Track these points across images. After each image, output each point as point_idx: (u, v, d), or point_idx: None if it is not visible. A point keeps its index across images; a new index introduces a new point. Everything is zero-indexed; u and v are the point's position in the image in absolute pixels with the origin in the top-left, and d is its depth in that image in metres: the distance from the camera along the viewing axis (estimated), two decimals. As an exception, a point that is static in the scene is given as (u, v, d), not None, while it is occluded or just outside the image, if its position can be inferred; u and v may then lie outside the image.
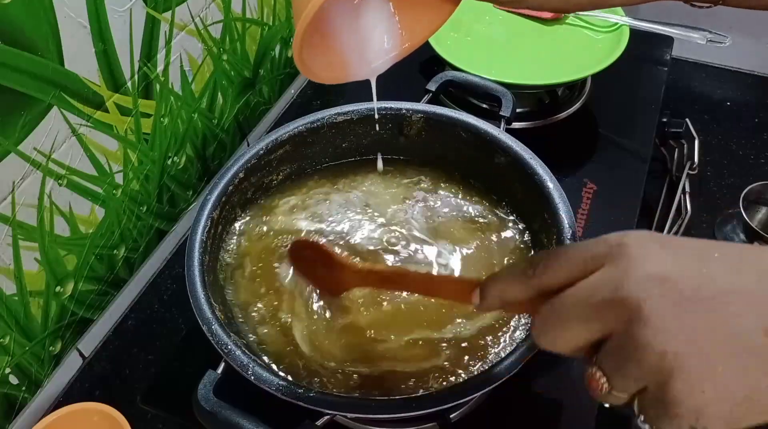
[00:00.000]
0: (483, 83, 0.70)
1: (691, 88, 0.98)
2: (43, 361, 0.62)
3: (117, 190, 0.66)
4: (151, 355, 0.67)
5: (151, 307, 0.71)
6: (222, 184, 0.59)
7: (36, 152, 0.55)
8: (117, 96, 0.62)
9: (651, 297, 0.29)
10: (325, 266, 0.53)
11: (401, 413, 0.46)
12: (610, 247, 0.31)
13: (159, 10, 0.64)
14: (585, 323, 0.31)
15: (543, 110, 0.87)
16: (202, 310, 0.50)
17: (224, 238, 0.61)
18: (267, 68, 0.87)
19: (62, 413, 0.57)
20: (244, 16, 0.79)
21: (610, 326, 0.30)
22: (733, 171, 0.86)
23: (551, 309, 0.32)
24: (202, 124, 0.77)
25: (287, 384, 0.46)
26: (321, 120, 0.64)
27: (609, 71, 0.79)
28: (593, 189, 0.77)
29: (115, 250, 0.68)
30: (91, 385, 0.65)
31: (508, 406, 0.60)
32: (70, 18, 0.54)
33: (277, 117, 0.92)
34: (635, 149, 0.83)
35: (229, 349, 0.48)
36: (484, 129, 0.63)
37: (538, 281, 0.34)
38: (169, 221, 0.76)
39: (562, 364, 0.63)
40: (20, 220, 0.55)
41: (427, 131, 0.66)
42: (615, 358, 0.30)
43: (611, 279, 0.30)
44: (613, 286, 0.30)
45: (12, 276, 0.56)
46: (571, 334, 0.32)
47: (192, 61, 0.72)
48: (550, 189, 0.57)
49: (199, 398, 0.46)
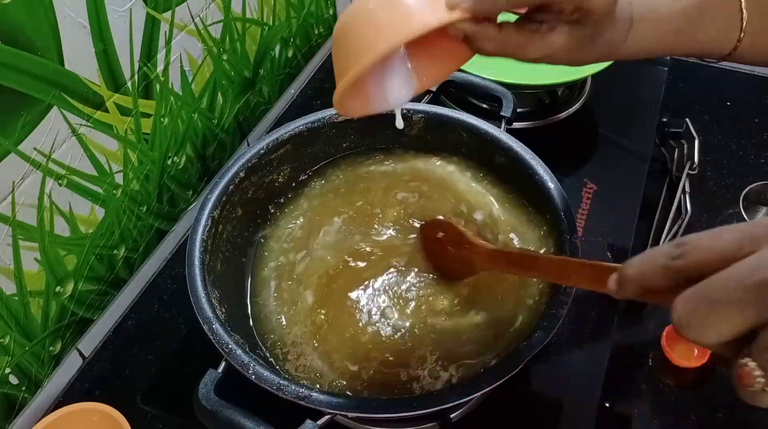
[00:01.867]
0: (483, 83, 0.70)
1: (691, 88, 0.98)
2: (43, 361, 0.62)
3: (117, 190, 0.66)
4: (151, 355, 0.67)
5: (151, 307, 0.71)
6: (222, 183, 0.59)
7: (36, 152, 0.55)
8: (117, 96, 0.62)
9: None
10: (455, 246, 0.54)
11: (401, 413, 0.46)
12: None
13: (159, 10, 0.64)
14: (739, 309, 0.28)
15: (543, 110, 0.87)
16: (202, 309, 0.50)
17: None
18: (267, 68, 0.87)
19: (62, 413, 0.57)
20: (244, 16, 0.79)
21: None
22: (733, 171, 0.86)
23: (700, 293, 0.29)
24: (202, 124, 0.77)
25: (288, 383, 0.46)
26: (321, 120, 0.64)
27: (609, 71, 0.79)
28: (593, 189, 0.77)
29: (115, 250, 0.68)
30: (91, 385, 0.65)
31: (508, 406, 0.60)
32: (70, 18, 0.54)
33: (277, 117, 0.92)
34: (635, 149, 0.83)
35: (230, 348, 0.48)
36: (485, 129, 0.63)
37: (684, 264, 0.31)
38: (169, 221, 0.76)
39: (562, 364, 0.63)
40: (20, 220, 0.55)
41: (428, 131, 0.66)
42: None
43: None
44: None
45: (12, 276, 0.56)
46: (722, 321, 0.28)
47: (192, 61, 0.72)
48: (550, 189, 0.58)
49: (200, 397, 0.46)
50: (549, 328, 0.48)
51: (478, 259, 0.52)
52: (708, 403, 0.66)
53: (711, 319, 0.29)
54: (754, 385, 0.27)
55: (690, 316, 0.29)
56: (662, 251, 0.32)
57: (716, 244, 0.30)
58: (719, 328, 0.28)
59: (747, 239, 0.29)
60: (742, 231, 0.30)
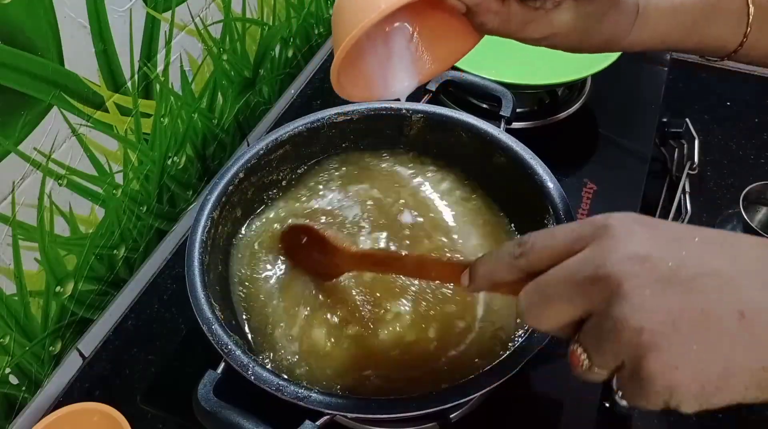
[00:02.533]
0: (483, 83, 0.70)
1: (691, 88, 0.98)
2: (43, 361, 0.62)
3: (117, 190, 0.66)
4: (151, 355, 0.67)
5: (151, 307, 0.71)
6: (222, 183, 0.59)
7: (36, 152, 0.55)
8: (117, 96, 0.62)
9: (631, 275, 0.29)
10: (319, 251, 0.54)
11: (401, 413, 0.46)
12: (596, 228, 0.32)
13: (159, 10, 0.64)
14: (569, 301, 0.32)
15: (543, 110, 0.87)
16: (202, 310, 0.50)
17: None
18: (267, 68, 0.87)
19: (62, 413, 0.57)
20: (244, 16, 0.79)
21: (593, 304, 0.31)
22: (733, 171, 0.86)
23: (536, 287, 0.33)
24: (202, 124, 0.77)
25: (287, 384, 0.46)
26: (321, 120, 0.64)
27: (609, 71, 0.79)
28: (593, 189, 0.77)
29: (115, 250, 0.68)
30: (91, 385, 0.65)
31: (508, 406, 0.60)
32: (70, 18, 0.54)
33: (277, 117, 0.92)
34: (635, 149, 0.83)
35: (230, 349, 0.48)
36: (484, 129, 0.63)
37: (525, 261, 0.34)
38: (169, 221, 0.76)
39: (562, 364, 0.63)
40: (20, 220, 0.55)
41: (428, 131, 0.66)
42: (595, 335, 0.31)
43: (594, 257, 0.31)
44: (595, 264, 0.31)
45: (12, 276, 0.56)
46: (555, 311, 0.32)
47: (192, 61, 0.72)
48: (550, 189, 0.57)
49: (199, 398, 0.46)
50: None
51: (342, 262, 0.53)
52: (708, 403, 0.65)
53: (547, 310, 0.33)
54: (582, 364, 0.31)
55: (531, 307, 0.33)
56: (507, 250, 0.36)
57: (550, 244, 0.34)
58: (554, 317, 0.33)
59: (575, 239, 0.33)
60: (573, 230, 0.33)
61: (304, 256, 0.58)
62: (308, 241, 0.56)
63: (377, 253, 0.52)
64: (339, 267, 0.54)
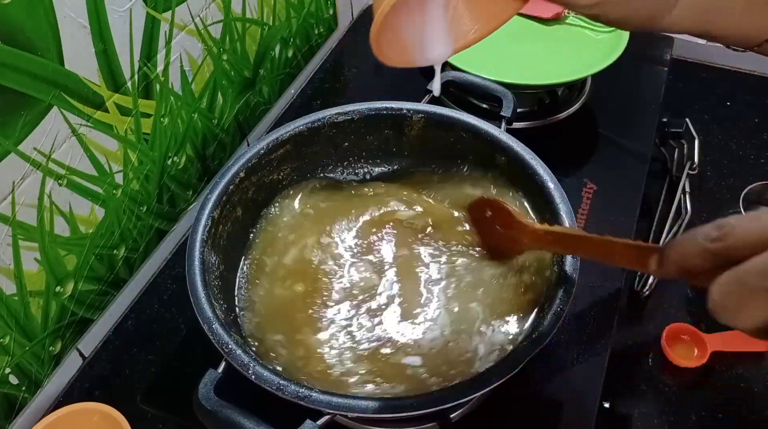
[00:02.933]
0: (483, 83, 0.70)
1: (691, 88, 0.98)
2: (43, 361, 0.62)
3: (117, 190, 0.66)
4: (151, 355, 0.67)
5: (151, 307, 0.71)
6: (222, 183, 0.59)
7: (36, 152, 0.55)
8: (117, 96, 0.62)
9: None
10: (503, 225, 0.56)
11: (401, 413, 0.46)
12: None
13: (159, 10, 0.64)
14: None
15: (543, 110, 0.87)
16: (202, 309, 0.50)
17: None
18: (267, 68, 0.87)
19: (62, 413, 0.57)
20: (244, 16, 0.79)
21: None
22: (733, 171, 0.86)
23: (736, 277, 0.29)
24: (202, 124, 0.77)
25: (288, 383, 0.46)
26: (321, 120, 0.64)
27: (609, 71, 0.79)
28: (593, 189, 0.77)
29: (115, 250, 0.68)
30: (91, 385, 0.65)
31: (508, 406, 0.60)
32: (70, 18, 0.54)
33: (277, 117, 0.92)
34: (635, 149, 0.83)
35: (230, 349, 0.48)
36: (485, 129, 0.63)
37: (723, 246, 0.30)
38: (169, 221, 0.76)
39: (562, 364, 0.63)
40: (20, 220, 0.55)
41: (428, 131, 0.66)
42: None
43: None
44: None
45: (12, 276, 0.56)
46: (759, 308, 0.28)
47: (192, 61, 0.72)
48: (550, 189, 0.58)
49: (200, 397, 0.46)
50: (549, 328, 0.48)
51: (526, 238, 0.53)
52: (708, 403, 0.66)
53: (748, 305, 0.28)
54: None
55: (726, 300, 0.29)
56: (702, 232, 0.31)
57: (755, 228, 0.29)
58: (755, 314, 0.28)
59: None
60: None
61: (488, 230, 0.59)
62: (492, 215, 0.58)
63: (560, 231, 0.51)
64: (521, 243, 0.54)
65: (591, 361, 0.63)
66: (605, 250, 0.45)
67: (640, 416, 0.65)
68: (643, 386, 0.67)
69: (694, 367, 0.68)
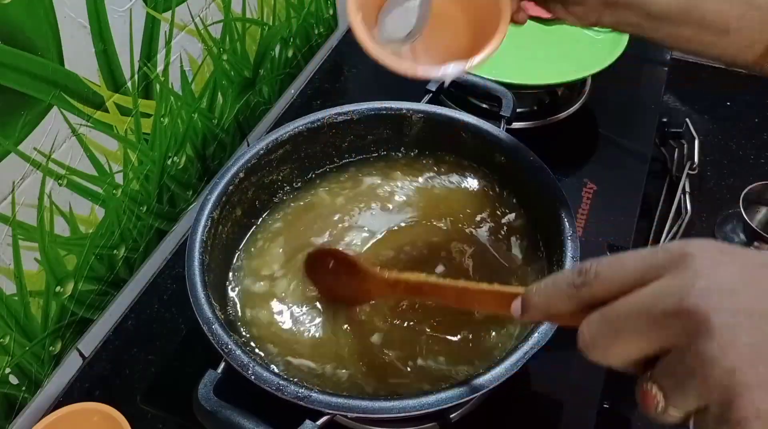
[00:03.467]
0: (483, 83, 0.70)
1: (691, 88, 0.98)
2: (43, 361, 0.62)
3: (117, 190, 0.66)
4: (151, 355, 0.67)
5: (151, 307, 0.71)
6: (222, 183, 0.59)
7: (36, 152, 0.55)
8: (117, 96, 0.62)
9: (719, 309, 0.27)
10: (348, 275, 0.52)
11: (401, 413, 0.46)
12: (672, 256, 0.30)
13: (159, 10, 0.64)
14: (642, 335, 0.29)
15: (543, 110, 0.87)
16: (202, 309, 0.50)
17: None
18: (267, 68, 0.87)
19: (62, 413, 0.57)
20: (244, 16, 0.79)
21: (671, 339, 0.28)
22: (733, 171, 0.86)
23: (603, 319, 0.30)
24: (202, 124, 0.77)
25: (287, 384, 0.46)
26: (321, 120, 0.64)
27: (609, 71, 0.79)
28: (593, 189, 0.77)
29: (115, 250, 0.68)
30: (91, 385, 0.65)
31: (508, 406, 0.60)
32: (70, 18, 0.54)
33: (277, 117, 0.92)
34: (635, 149, 0.83)
35: (230, 349, 0.48)
36: (485, 129, 0.63)
37: (588, 292, 0.32)
38: (169, 221, 0.76)
39: (562, 364, 0.63)
40: (20, 220, 0.55)
41: (428, 131, 0.66)
42: (675, 374, 0.28)
43: (675, 288, 0.28)
44: (677, 296, 0.28)
45: (12, 276, 0.56)
46: (625, 346, 0.30)
47: (192, 61, 0.72)
48: (550, 189, 0.58)
49: (200, 398, 0.46)
50: (548, 328, 0.48)
51: (374, 287, 0.50)
52: (708, 403, 0.65)
53: (615, 344, 0.30)
54: (656, 406, 0.29)
55: (596, 340, 0.30)
56: (565, 279, 0.33)
57: (618, 273, 0.31)
58: (623, 352, 0.30)
59: (649, 267, 0.30)
60: (644, 258, 0.30)
61: (330, 281, 0.56)
62: (335, 265, 0.53)
63: (413, 279, 0.47)
64: (369, 292, 0.51)
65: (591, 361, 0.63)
66: (463, 296, 0.43)
67: (640, 416, 0.65)
68: (643, 386, 0.67)
69: (694, 367, 0.68)
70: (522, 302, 0.36)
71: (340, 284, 0.54)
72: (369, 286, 0.50)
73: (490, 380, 0.46)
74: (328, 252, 0.56)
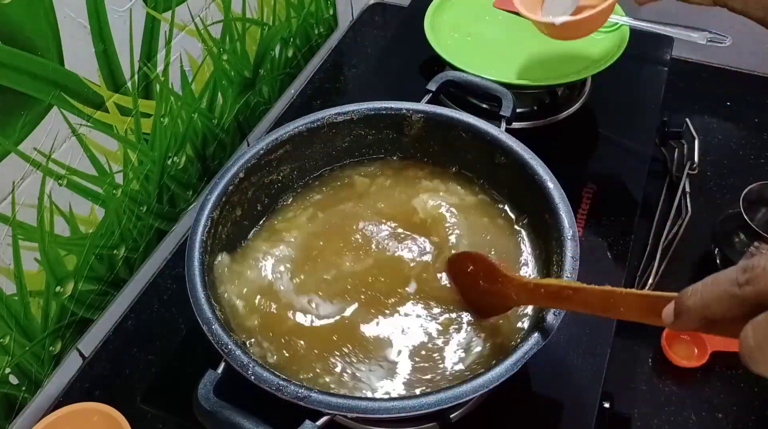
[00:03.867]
0: (483, 83, 0.70)
1: (691, 88, 0.98)
2: (43, 361, 0.62)
3: (117, 190, 0.66)
4: (151, 355, 0.67)
5: (151, 307, 0.71)
6: (222, 184, 0.59)
7: (36, 152, 0.55)
8: (117, 96, 0.62)
9: None
10: (488, 281, 0.51)
11: (401, 413, 0.46)
12: None
13: (159, 10, 0.64)
14: None
15: (543, 110, 0.87)
16: (202, 310, 0.50)
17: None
18: (267, 68, 0.87)
19: (62, 413, 0.57)
20: (244, 16, 0.79)
21: None
22: (733, 171, 0.86)
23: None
24: (202, 124, 0.77)
25: (287, 384, 0.46)
26: (321, 120, 0.64)
27: (609, 71, 0.79)
28: (593, 189, 0.77)
29: (115, 250, 0.68)
30: (91, 385, 0.65)
31: (508, 406, 0.60)
32: (70, 18, 0.54)
33: (277, 117, 0.92)
34: (635, 149, 0.83)
35: (230, 349, 0.48)
36: (485, 129, 0.63)
37: (753, 290, 0.28)
38: (169, 221, 0.76)
39: (562, 364, 0.63)
40: (20, 220, 0.55)
41: (428, 131, 0.66)
42: None
43: None
44: None
45: (12, 276, 0.56)
46: None
47: (192, 61, 0.72)
48: (550, 189, 0.57)
49: (200, 398, 0.46)
50: (548, 328, 0.48)
51: (514, 293, 0.49)
52: (708, 403, 0.66)
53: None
54: None
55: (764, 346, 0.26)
56: (727, 276, 0.29)
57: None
58: None
59: None
60: None
61: (469, 285, 0.55)
62: (474, 269, 0.53)
63: (552, 285, 0.45)
64: (509, 299, 0.50)
65: (591, 361, 0.63)
66: (608, 302, 0.39)
67: (640, 416, 0.65)
68: (643, 386, 0.67)
69: (694, 367, 0.68)
70: (675, 306, 0.32)
71: (479, 290, 0.53)
72: (507, 291, 0.49)
73: (490, 380, 0.46)
74: (468, 256, 0.55)
